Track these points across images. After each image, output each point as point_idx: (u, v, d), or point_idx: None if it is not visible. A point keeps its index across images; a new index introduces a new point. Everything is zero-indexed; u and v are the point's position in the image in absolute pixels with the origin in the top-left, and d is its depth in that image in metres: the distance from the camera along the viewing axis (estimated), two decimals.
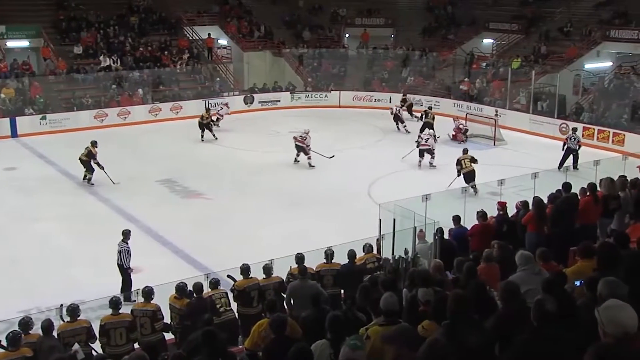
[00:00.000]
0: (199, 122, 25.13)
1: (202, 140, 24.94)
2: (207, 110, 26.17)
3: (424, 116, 25.40)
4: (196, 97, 30.27)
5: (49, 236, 15.57)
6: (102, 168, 19.10)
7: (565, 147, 20.59)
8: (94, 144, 19.30)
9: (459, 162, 18.58)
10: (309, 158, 21.33)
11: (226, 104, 28.61)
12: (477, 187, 17.41)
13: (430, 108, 26.70)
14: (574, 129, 22.66)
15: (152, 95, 29.56)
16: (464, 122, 25.18)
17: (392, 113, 26.69)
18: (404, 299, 6.93)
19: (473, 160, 18.57)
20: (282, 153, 22.91)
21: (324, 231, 14.88)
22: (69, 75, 28.89)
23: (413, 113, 28.09)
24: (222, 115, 27.45)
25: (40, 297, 11.78)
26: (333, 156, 21.60)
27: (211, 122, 25.53)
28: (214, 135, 25.17)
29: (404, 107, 28.00)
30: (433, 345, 4.07)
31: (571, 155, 20.28)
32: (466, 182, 17.72)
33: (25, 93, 27.52)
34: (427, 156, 20.92)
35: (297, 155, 21.57)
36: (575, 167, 19.43)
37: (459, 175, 18.35)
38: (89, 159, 19.20)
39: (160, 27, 33.29)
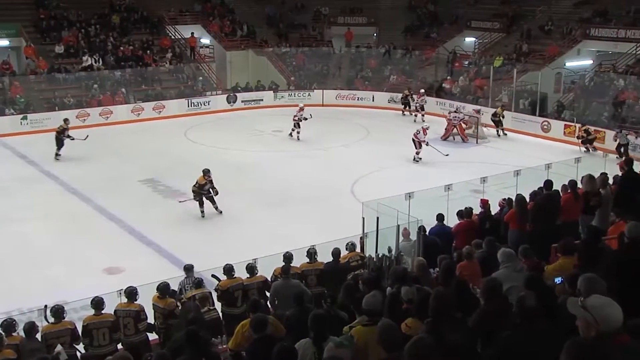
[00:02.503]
0: (56, 135, 22.06)
1: (57, 158, 21.96)
2: (65, 120, 22.53)
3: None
4: (179, 96, 30.18)
5: (31, 237, 15.45)
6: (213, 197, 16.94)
7: (617, 143, 22.13)
8: (206, 172, 16.93)
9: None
10: (417, 153, 21.77)
11: (302, 108, 25.34)
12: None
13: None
14: (620, 126, 23.31)
15: (134, 95, 29.41)
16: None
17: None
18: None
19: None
20: (265, 152, 22.94)
21: (307, 230, 14.88)
22: (50, 74, 28.65)
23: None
24: (300, 119, 24.89)
25: (22, 298, 11.67)
26: (448, 155, 21.81)
27: (65, 136, 21.92)
28: (58, 154, 22.03)
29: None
30: (418, 343, 4.08)
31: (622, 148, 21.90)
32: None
33: (6, 93, 27.30)
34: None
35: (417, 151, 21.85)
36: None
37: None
38: (199, 189, 16.82)
39: (142, 26, 33.10)
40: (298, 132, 24.84)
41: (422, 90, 28.82)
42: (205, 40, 34.90)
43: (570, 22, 30.37)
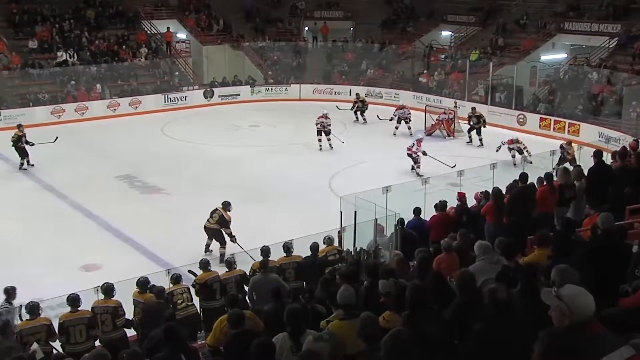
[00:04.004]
0: (13, 145, 20.26)
1: (22, 169, 20.44)
2: (19, 126, 20.74)
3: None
4: (155, 91, 29.97)
5: (5, 234, 15.26)
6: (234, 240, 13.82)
7: None
8: (225, 205, 14.14)
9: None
10: (418, 167, 19.54)
11: (326, 116, 22.73)
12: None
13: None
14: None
15: (110, 90, 29.17)
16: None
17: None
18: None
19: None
20: (242, 147, 22.88)
21: (285, 224, 14.91)
22: (24, 70, 28.28)
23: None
24: (325, 126, 22.56)
25: None
26: (455, 165, 18.37)
27: (25, 143, 20.20)
28: (22, 164, 20.47)
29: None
30: (395, 336, 4.11)
31: None
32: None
33: None
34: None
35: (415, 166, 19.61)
36: None
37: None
38: (219, 227, 13.98)
39: (118, 21, 32.78)
40: (328, 140, 22.52)
41: (402, 103, 25.91)
42: (182, 35, 34.68)
43: (544, 16, 30.65)
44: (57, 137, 21.17)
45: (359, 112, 27.12)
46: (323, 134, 22.47)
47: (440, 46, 33.15)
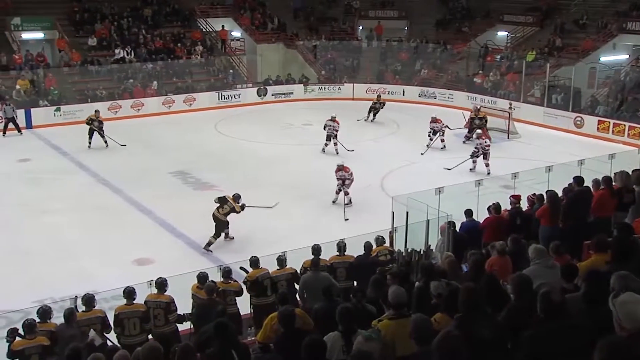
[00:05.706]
0: (89, 126, 22.53)
1: (90, 147, 22.45)
2: (96, 111, 23.08)
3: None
4: (209, 89, 30.34)
5: (62, 227, 15.66)
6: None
7: None
8: (236, 197, 14.55)
9: None
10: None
11: (335, 119, 21.91)
12: None
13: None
14: None
15: (165, 88, 29.62)
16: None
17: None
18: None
19: None
20: (295, 146, 22.94)
21: (336, 223, 14.89)
22: (83, 67, 29.03)
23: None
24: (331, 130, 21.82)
25: (54, 288, 11.84)
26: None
27: (100, 126, 22.59)
28: (105, 142, 22.51)
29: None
30: (446, 337, 4.06)
31: None
32: None
33: (40, 85, 27.66)
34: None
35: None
36: None
37: None
38: (226, 219, 14.39)
39: (174, 19, 33.38)
40: (335, 145, 21.74)
41: (434, 115, 23.24)
42: (236, 33, 35.03)
43: (605, 15, 29.90)
44: (125, 145, 22.27)
45: (372, 112, 26.78)
46: (331, 138, 21.74)
47: (496, 46, 32.70)
